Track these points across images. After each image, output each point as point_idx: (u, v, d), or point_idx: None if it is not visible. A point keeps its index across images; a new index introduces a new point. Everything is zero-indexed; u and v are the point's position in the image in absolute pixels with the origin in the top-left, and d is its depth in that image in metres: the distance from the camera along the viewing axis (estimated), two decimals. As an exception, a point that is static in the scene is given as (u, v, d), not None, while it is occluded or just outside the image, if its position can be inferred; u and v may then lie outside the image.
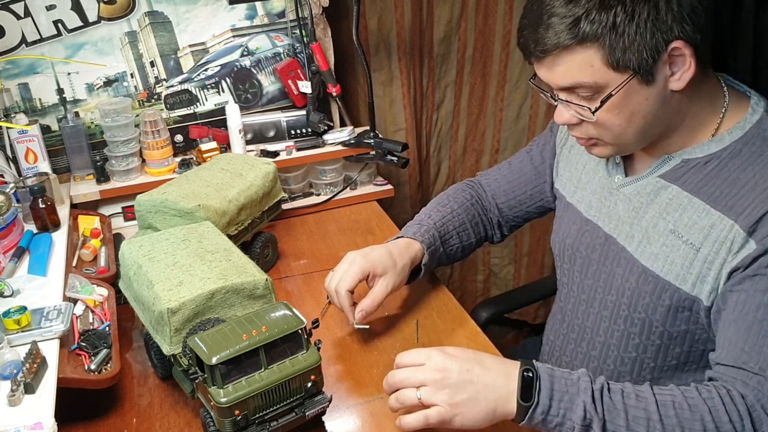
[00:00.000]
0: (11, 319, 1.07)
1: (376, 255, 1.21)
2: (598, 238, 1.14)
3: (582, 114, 0.99)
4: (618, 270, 1.10)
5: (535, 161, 1.36)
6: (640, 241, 1.05)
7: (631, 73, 0.92)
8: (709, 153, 0.99)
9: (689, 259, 0.98)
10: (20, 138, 1.59)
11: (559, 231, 1.26)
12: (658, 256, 1.02)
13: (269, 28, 1.81)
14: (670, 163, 1.03)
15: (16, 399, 0.95)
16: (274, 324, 0.97)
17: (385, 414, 1.09)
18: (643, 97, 0.95)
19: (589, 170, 1.20)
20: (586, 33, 0.90)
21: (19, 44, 1.63)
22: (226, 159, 1.55)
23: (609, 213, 1.12)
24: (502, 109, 2.18)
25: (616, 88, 0.93)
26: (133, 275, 1.13)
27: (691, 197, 0.99)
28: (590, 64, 0.92)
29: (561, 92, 0.99)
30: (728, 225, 0.93)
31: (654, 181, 1.05)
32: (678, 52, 0.92)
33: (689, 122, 1.01)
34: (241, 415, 0.93)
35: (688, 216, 0.99)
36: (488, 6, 2.03)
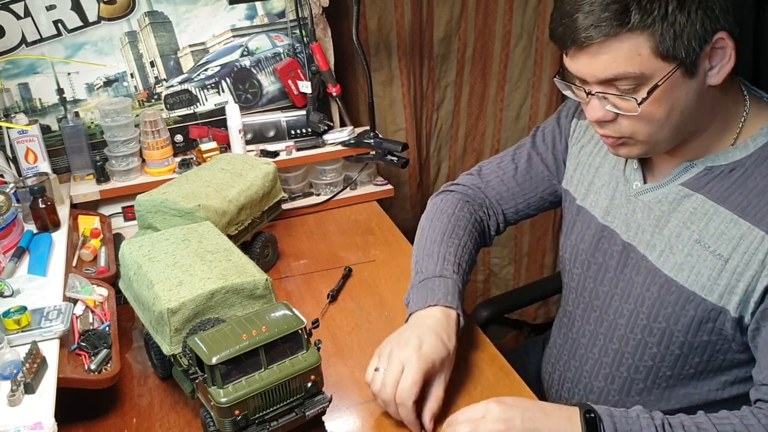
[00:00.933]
0: (11, 319, 1.07)
1: (430, 350, 1.04)
2: (616, 245, 1.12)
3: (622, 107, 0.94)
4: (638, 279, 1.08)
5: (547, 161, 1.30)
6: (662, 250, 1.03)
7: (677, 64, 0.89)
8: (733, 160, 0.98)
9: (717, 270, 0.96)
10: (20, 138, 1.59)
11: (571, 235, 1.23)
12: (683, 267, 1.00)
13: (269, 28, 1.81)
14: (693, 171, 1.01)
15: (16, 399, 0.95)
16: (274, 324, 0.97)
17: (385, 414, 1.09)
18: (684, 90, 0.92)
19: (603, 174, 1.17)
20: (636, 21, 0.87)
21: (19, 44, 1.63)
22: (226, 159, 1.55)
23: (627, 220, 1.10)
24: (502, 109, 2.18)
25: (662, 79, 0.90)
26: (133, 275, 1.13)
27: (717, 207, 0.97)
28: (638, 52, 0.89)
29: (598, 85, 0.94)
30: (759, 236, 0.92)
31: (677, 189, 1.03)
32: (720, 44, 0.90)
33: (715, 126, 0.99)
34: (241, 415, 0.93)
35: (714, 226, 0.97)
36: (488, 6, 2.03)
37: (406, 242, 1.62)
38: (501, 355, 1.21)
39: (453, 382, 1.14)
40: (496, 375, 1.16)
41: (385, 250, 1.59)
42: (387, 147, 1.72)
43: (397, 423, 1.07)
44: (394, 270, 1.50)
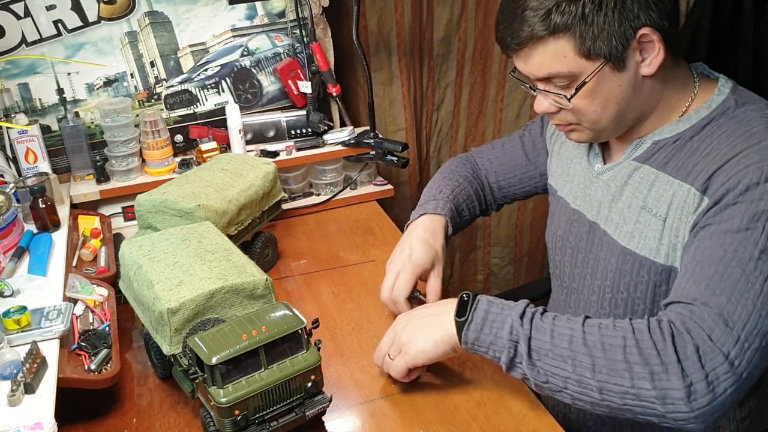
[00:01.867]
0: (11, 319, 1.07)
1: (419, 255, 1.23)
2: (584, 226, 1.18)
3: (559, 102, 1.03)
4: (601, 254, 1.14)
5: (527, 148, 1.40)
6: (618, 222, 1.10)
7: (603, 61, 0.96)
8: (677, 132, 1.04)
9: (659, 231, 1.02)
10: (20, 138, 1.59)
11: (551, 224, 1.30)
12: (633, 234, 1.06)
13: (269, 28, 1.81)
14: (642, 146, 1.08)
15: (16, 399, 0.95)
16: (274, 324, 0.97)
17: (384, 414, 1.09)
18: (615, 83, 0.99)
19: (575, 163, 1.24)
20: (557, 24, 0.94)
21: (19, 44, 1.63)
22: (226, 159, 1.55)
23: (590, 200, 1.17)
24: (502, 109, 2.18)
25: (589, 76, 0.97)
26: (133, 275, 1.13)
27: (658, 172, 1.04)
28: (563, 54, 0.96)
29: (539, 82, 1.04)
30: (686, 189, 0.98)
31: (628, 164, 1.09)
32: (647, 39, 0.96)
33: (661, 107, 1.05)
34: (241, 415, 0.93)
35: (655, 190, 1.03)
36: (488, 6, 2.03)
37: (406, 242, 1.62)
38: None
39: (453, 382, 1.14)
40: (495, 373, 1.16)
41: (385, 250, 1.58)
42: (387, 147, 1.72)
43: (398, 423, 1.07)
44: (394, 270, 1.50)
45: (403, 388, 1.14)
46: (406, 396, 1.12)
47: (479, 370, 1.17)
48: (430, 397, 1.12)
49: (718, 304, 0.87)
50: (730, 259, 0.88)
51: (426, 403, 1.11)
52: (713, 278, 0.89)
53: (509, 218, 2.35)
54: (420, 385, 1.14)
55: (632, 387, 0.87)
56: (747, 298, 0.86)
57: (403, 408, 1.10)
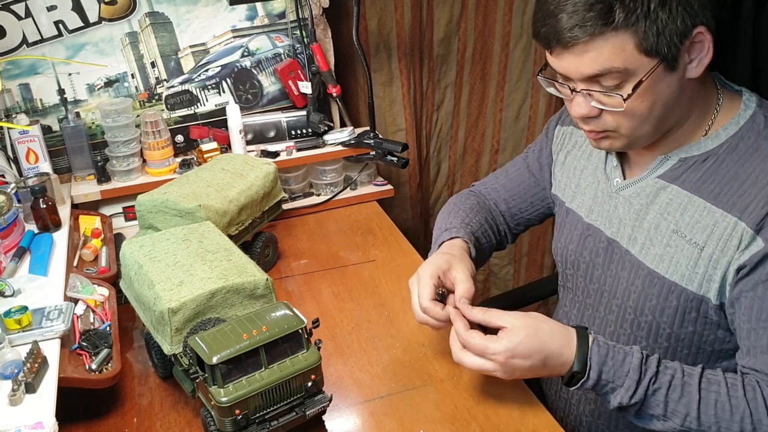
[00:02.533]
0: (12, 318, 1.07)
1: (429, 261, 1.14)
2: (601, 242, 1.14)
3: (607, 103, 0.96)
4: (623, 273, 1.09)
5: (532, 168, 1.34)
6: (644, 243, 1.05)
7: (660, 59, 0.91)
8: (706, 150, 1.00)
9: (694, 259, 0.98)
10: (21, 138, 1.59)
11: (561, 237, 1.25)
12: (663, 258, 1.02)
13: (270, 28, 1.81)
14: (668, 163, 1.03)
15: (17, 398, 0.95)
16: (275, 324, 0.97)
17: (384, 413, 1.09)
18: (666, 84, 0.94)
19: (587, 174, 1.19)
20: (621, 19, 0.88)
21: (20, 45, 1.63)
22: (226, 159, 1.55)
23: (610, 217, 1.12)
24: (502, 109, 2.18)
25: (647, 74, 0.92)
26: (134, 275, 1.13)
27: (692, 196, 0.99)
28: (622, 48, 0.90)
29: (582, 83, 0.96)
30: (732, 222, 0.93)
31: (653, 181, 1.05)
32: (699, 38, 0.92)
33: (691, 119, 1.01)
34: (242, 415, 0.94)
35: (689, 215, 0.99)
36: (488, 7, 2.03)
37: (406, 242, 1.62)
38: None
39: (453, 381, 1.15)
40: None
41: (385, 250, 1.59)
42: (387, 147, 1.72)
43: (398, 423, 1.07)
44: (394, 270, 1.51)
45: (403, 388, 1.14)
46: (406, 395, 1.13)
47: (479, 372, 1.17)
48: (430, 397, 1.12)
49: None
50: None
51: (426, 402, 1.11)
52: None
53: (509, 218, 2.34)
54: (420, 384, 1.14)
55: None
56: None
57: (403, 407, 1.10)
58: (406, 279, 1.44)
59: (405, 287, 1.41)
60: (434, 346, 1.24)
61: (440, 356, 1.21)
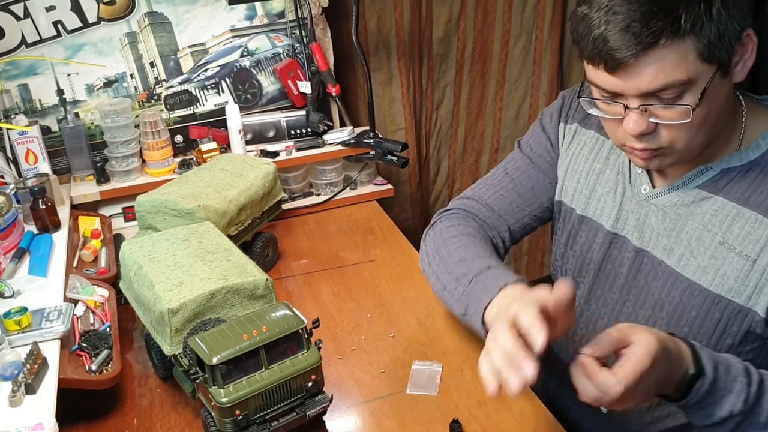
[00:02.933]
0: (12, 320, 1.07)
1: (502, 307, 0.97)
2: (628, 252, 1.09)
3: (669, 117, 0.89)
4: (655, 284, 1.05)
5: (544, 169, 1.24)
6: (682, 254, 1.01)
7: (718, 65, 0.86)
8: (748, 160, 0.97)
9: (745, 271, 0.94)
10: (20, 139, 1.59)
11: (574, 246, 1.19)
12: (707, 270, 0.98)
13: (269, 28, 1.81)
14: (709, 174, 0.99)
15: (17, 400, 0.95)
16: (275, 324, 0.97)
17: (385, 414, 1.09)
18: (720, 91, 0.89)
19: (605, 181, 1.13)
20: (688, 27, 0.82)
21: (18, 45, 1.63)
22: (226, 159, 1.55)
23: (639, 226, 1.07)
24: (502, 108, 2.18)
25: (709, 82, 0.86)
26: (134, 276, 1.13)
27: (740, 208, 0.95)
28: (685, 59, 0.84)
29: (638, 99, 0.88)
30: None
31: (694, 192, 1.00)
32: (746, 41, 0.88)
33: (725, 128, 0.97)
34: (242, 415, 0.93)
35: (738, 227, 0.95)
36: (487, 6, 2.03)
37: (406, 242, 1.62)
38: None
39: (454, 381, 1.14)
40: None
41: (385, 250, 1.59)
42: (387, 147, 1.72)
43: (399, 423, 1.07)
44: (394, 269, 1.51)
45: (403, 388, 1.14)
46: (407, 395, 1.13)
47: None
48: (431, 397, 1.12)
49: None
50: None
51: (426, 402, 1.11)
52: None
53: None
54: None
55: None
56: None
57: (403, 407, 1.10)
58: (406, 279, 1.45)
59: (405, 287, 1.42)
60: (434, 346, 1.24)
61: (441, 356, 1.21)
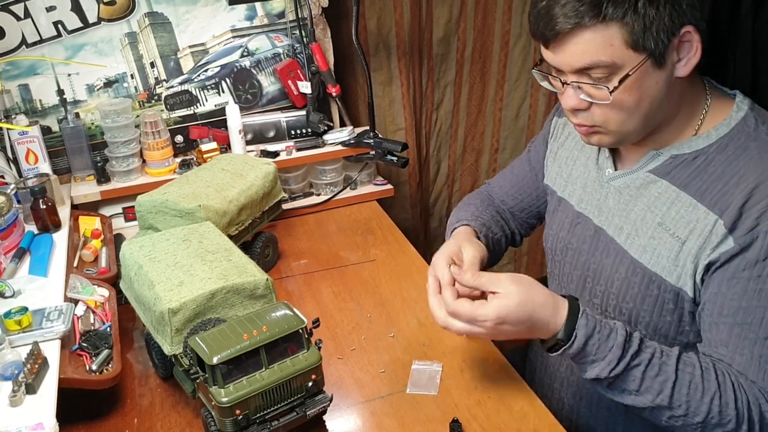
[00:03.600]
0: (12, 319, 1.07)
1: (443, 248, 1.17)
2: (589, 230, 1.17)
3: (595, 96, 0.99)
4: (607, 261, 1.12)
5: (533, 162, 1.38)
6: (629, 233, 1.08)
7: (647, 55, 0.94)
8: (697, 149, 1.02)
9: (675, 252, 1.01)
10: (21, 139, 1.59)
11: (552, 225, 1.28)
12: (646, 249, 1.05)
13: (269, 28, 1.81)
14: (659, 159, 1.06)
15: (17, 399, 0.95)
16: (275, 324, 0.97)
17: (385, 413, 1.09)
18: (653, 80, 0.97)
19: (579, 165, 1.22)
20: (609, 13, 0.92)
21: (19, 45, 1.63)
22: (226, 159, 1.55)
23: (599, 205, 1.15)
24: (501, 108, 2.19)
25: (633, 69, 0.95)
26: (134, 275, 1.13)
27: (679, 192, 1.02)
28: (610, 42, 0.94)
29: (573, 75, 0.99)
30: (712, 220, 0.97)
31: (644, 175, 1.07)
32: (687, 38, 0.95)
33: (680, 117, 1.04)
34: (242, 415, 0.94)
35: (675, 210, 1.02)
36: (487, 6, 2.03)
37: (406, 242, 1.62)
38: (501, 354, 1.22)
39: (454, 381, 1.15)
40: (496, 372, 1.17)
41: (385, 250, 1.59)
42: (387, 147, 1.72)
43: (399, 423, 1.07)
44: (394, 269, 1.51)
45: (403, 388, 1.14)
46: (407, 395, 1.13)
47: (480, 369, 1.17)
48: (431, 397, 1.12)
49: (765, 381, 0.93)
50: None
51: (426, 402, 1.11)
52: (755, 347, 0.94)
53: (509, 218, 2.35)
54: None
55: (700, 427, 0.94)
56: None
57: (403, 407, 1.10)
58: (406, 278, 1.45)
59: (405, 287, 1.42)
60: (435, 346, 1.24)
61: (441, 356, 1.21)
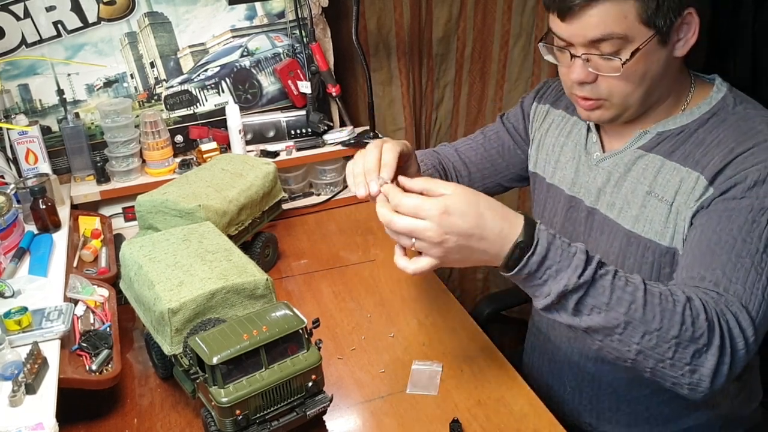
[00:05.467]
0: (12, 319, 1.07)
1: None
2: (582, 212, 1.20)
3: (604, 68, 1.02)
4: (602, 238, 1.16)
5: (511, 132, 1.40)
6: (621, 207, 1.12)
7: (656, 31, 0.99)
8: (681, 125, 1.08)
9: (665, 215, 1.05)
10: (20, 139, 1.59)
11: (544, 213, 1.31)
12: (638, 218, 1.09)
13: (269, 28, 1.81)
14: (646, 137, 1.11)
15: (17, 399, 0.95)
16: (275, 324, 0.97)
17: (385, 413, 1.09)
18: (656, 57, 1.02)
19: (567, 150, 1.26)
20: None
21: (19, 45, 1.63)
22: (226, 159, 1.55)
23: (589, 187, 1.19)
24: (501, 108, 2.18)
25: (643, 43, 0.99)
26: (134, 275, 1.13)
27: (665, 160, 1.07)
28: (625, 15, 0.98)
29: (583, 47, 1.02)
30: (695, 177, 1.02)
31: (632, 152, 1.12)
32: (688, 20, 1.01)
33: (669, 100, 1.10)
34: (242, 415, 0.94)
35: (662, 176, 1.07)
36: (487, 6, 2.03)
37: (406, 242, 1.62)
38: (501, 354, 1.22)
39: (454, 381, 1.15)
40: (496, 372, 1.17)
41: (385, 250, 1.59)
42: (387, 147, 1.72)
43: (399, 423, 1.07)
44: (395, 269, 1.48)
45: (403, 388, 1.14)
46: (407, 395, 1.13)
47: (480, 369, 1.17)
48: (431, 396, 1.12)
49: (737, 293, 0.93)
50: (740, 248, 0.94)
51: (426, 401, 1.11)
52: (727, 266, 0.94)
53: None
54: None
55: (672, 358, 0.89)
56: (758, 288, 0.93)
57: (403, 407, 1.10)
58: (406, 279, 1.45)
59: (405, 287, 1.42)
60: (434, 346, 1.24)
61: (441, 356, 1.21)
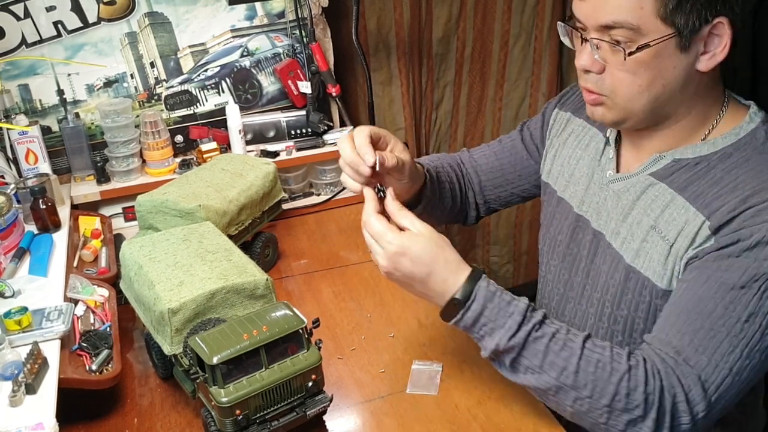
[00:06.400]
0: (12, 319, 1.07)
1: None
2: (588, 234, 1.14)
3: (611, 60, 0.96)
4: (603, 267, 1.09)
5: (527, 143, 1.34)
6: (625, 237, 1.05)
7: (674, 32, 0.91)
8: (700, 155, 1.00)
9: (664, 255, 0.98)
10: (21, 139, 1.59)
11: (550, 227, 1.25)
12: (639, 253, 1.02)
13: (269, 28, 1.81)
14: (661, 162, 1.03)
15: (17, 399, 0.95)
16: (275, 324, 0.97)
17: (385, 413, 1.09)
18: (672, 62, 0.94)
19: (582, 165, 1.19)
20: None
21: (19, 45, 1.63)
22: (226, 159, 1.55)
23: (598, 209, 1.12)
24: (501, 108, 2.19)
25: (656, 40, 0.92)
26: (134, 275, 1.14)
27: (675, 194, 0.99)
28: (641, 5, 0.91)
29: (595, 32, 0.96)
30: (700, 222, 0.94)
31: (644, 178, 1.05)
32: (719, 31, 0.92)
33: (689, 119, 1.01)
34: (242, 415, 0.94)
35: (668, 212, 0.99)
36: (487, 6, 2.03)
37: (406, 242, 1.62)
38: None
39: (454, 381, 1.15)
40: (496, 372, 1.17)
41: (385, 250, 1.59)
42: (387, 147, 1.72)
43: (399, 423, 1.07)
44: (394, 269, 1.50)
45: (403, 388, 1.14)
46: (407, 395, 1.13)
47: (480, 369, 1.17)
48: (431, 396, 1.12)
49: (698, 364, 0.89)
50: (719, 316, 0.89)
51: (426, 402, 1.11)
52: (698, 333, 0.90)
53: (508, 217, 2.35)
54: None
55: (606, 423, 0.91)
56: (726, 362, 0.88)
57: (403, 407, 1.10)
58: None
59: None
60: (434, 346, 1.24)
61: (441, 356, 1.21)
